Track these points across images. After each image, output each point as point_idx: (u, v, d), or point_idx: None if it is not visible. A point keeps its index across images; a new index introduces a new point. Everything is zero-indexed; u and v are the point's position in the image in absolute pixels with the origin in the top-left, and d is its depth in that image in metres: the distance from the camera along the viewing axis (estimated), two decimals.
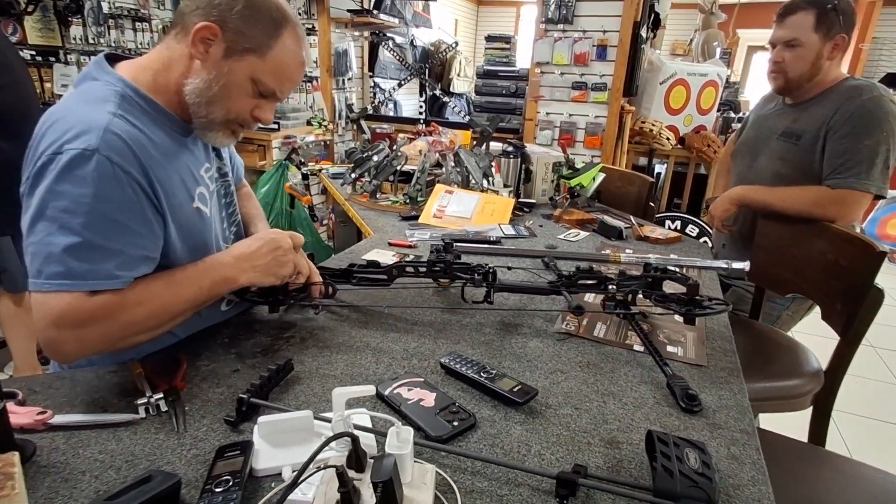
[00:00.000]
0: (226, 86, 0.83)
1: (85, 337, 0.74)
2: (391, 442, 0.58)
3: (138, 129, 0.79)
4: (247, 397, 0.72)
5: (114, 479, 0.61)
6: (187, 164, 0.89)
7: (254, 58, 0.83)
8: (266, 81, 0.85)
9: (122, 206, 0.75)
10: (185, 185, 0.87)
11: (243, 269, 0.87)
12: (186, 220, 0.87)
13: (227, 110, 0.86)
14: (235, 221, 1.06)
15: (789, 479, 0.98)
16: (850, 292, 1.22)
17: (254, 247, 0.89)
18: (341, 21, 3.66)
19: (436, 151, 2.01)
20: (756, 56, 8.17)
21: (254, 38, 0.82)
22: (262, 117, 0.89)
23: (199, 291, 0.83)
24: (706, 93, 3.43)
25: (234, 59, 0.82)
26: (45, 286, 0.71)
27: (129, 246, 0.76)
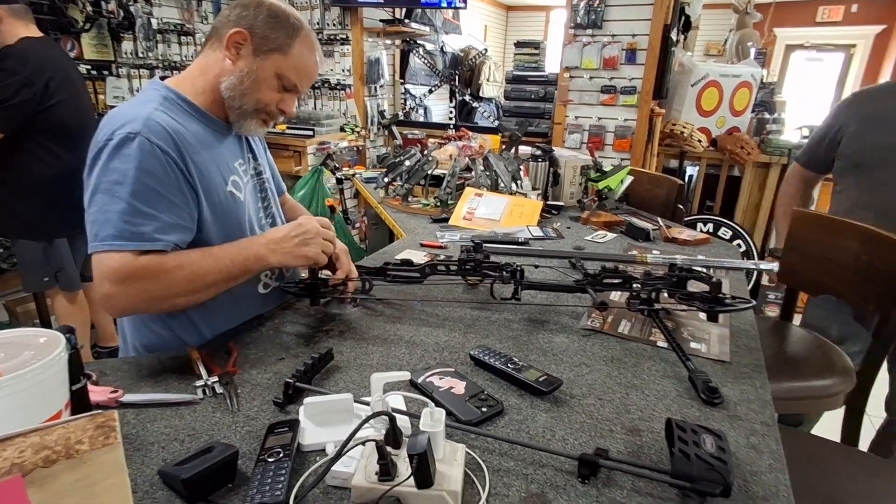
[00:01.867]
0: (255, 80, 0.97)
1: (131, 293, 0.85)
2: (425, 421, 0.63)
3: (177, 122, 0.93)
4: (293, 381, 0.79)
5: (178, 450, 0.69)
6: (222, 155, 1.01)
7: (278, 56, 0.97)
8: (289, 76, 0.99)
9: (161, 179, 0.87)
10: (219, 171, 0.99)
11: (273, 251, 0.96)
12: (220, 200, 0.98)
13: (257, 101, 0.99)
14: (270, 214, 1.15)
15: (821, 478, 0.99)
16: (885, 294, 1.22)
17: (283, 231, 0.98)
18: (374, 31, 3.76)
19: (465, 156, 2.07)
20: (794, 55, 7.93)
21: (277, 40, 0.96)
22: (286, 110, 1.03)
23: (231, 264, 0.92)
24: (740, 94, 3.38)
25: (261, 57, 0.97)
26: (101, 247, 0.84)
27: (167, 213, 0.88)
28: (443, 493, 0.59)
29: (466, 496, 0.62)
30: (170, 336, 0.98)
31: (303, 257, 0.98)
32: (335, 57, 3.84)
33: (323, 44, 3.84)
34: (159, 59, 3.69)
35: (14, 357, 0.54)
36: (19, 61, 1.86)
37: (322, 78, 3.90)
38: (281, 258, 0.96)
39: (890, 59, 7.14)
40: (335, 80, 3.86)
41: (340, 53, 3.81)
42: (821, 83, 7.98)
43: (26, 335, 0.58)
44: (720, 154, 3.11)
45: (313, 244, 0.98)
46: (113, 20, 3.38)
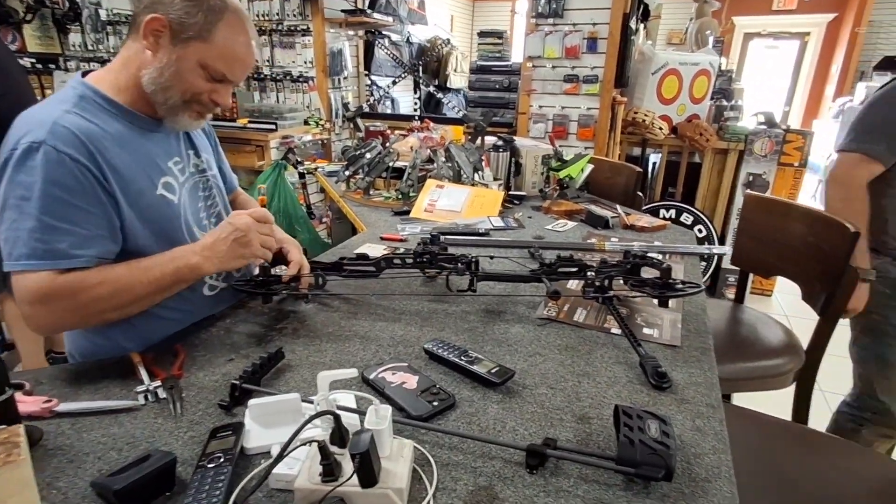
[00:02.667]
0: (177, 72, 0.90)
1: (54, 312, 0.81)
2: (370, 419, 0.62)
3: (92, 123, 0.87)
4: (239, 383, 0.77)
5: (116, 459, 0.66)
6: (150, 155, 0.95)
7: (198, 43, 0.89)
8: (215, 66, 0.91)
9: (73, 189, 0.82)
10: (146, 173, 0.93)
11: (207, 258, 0.91)
12: (148, 205, 0.92)
13: (182, 93, 0.92)
14: (215, 213, 1.10)
15: (771, 455, 1.02)
16: (828, 273, 1.26)
17: (214, 235, 0.93)
18: (335, 21, 3.69)
19: (427, 147, 2.05)
20: (752, 43, 8.14)
21: (195, 26, 0.88)
22: (219, 101, 0.96)
23: (161, 276, 0.87)
24: (698, 82, 3.45)
25: (180, 46, 0.89)
26: (16, 266, 0.80)
27: (83, 225, 0.83)
28: (387, 491, 0.58)
29: (413, 492, 0.61)
30: (108, 344, 0.94)
31: (241, 258, 0.94)
32: (296, 49, 3.76)
33: (283, 35, 3.74)
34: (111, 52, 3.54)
35: None
36: None
37: (284, 70, 3.82)
38: (217, 264, 0.92)
39: (841, 47, 7.39)
40: (297, 72, 3.78)
41: (302, 45, 3.73)
42: (778, 70, 8.22)
43: None
44: (681, 141, 3.17)
45: (249, 242, 0.93)
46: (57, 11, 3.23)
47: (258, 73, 3.89)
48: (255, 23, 3.77)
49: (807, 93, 7.97)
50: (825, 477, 0.95)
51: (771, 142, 3.00)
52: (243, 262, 0.95)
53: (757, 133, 3.02)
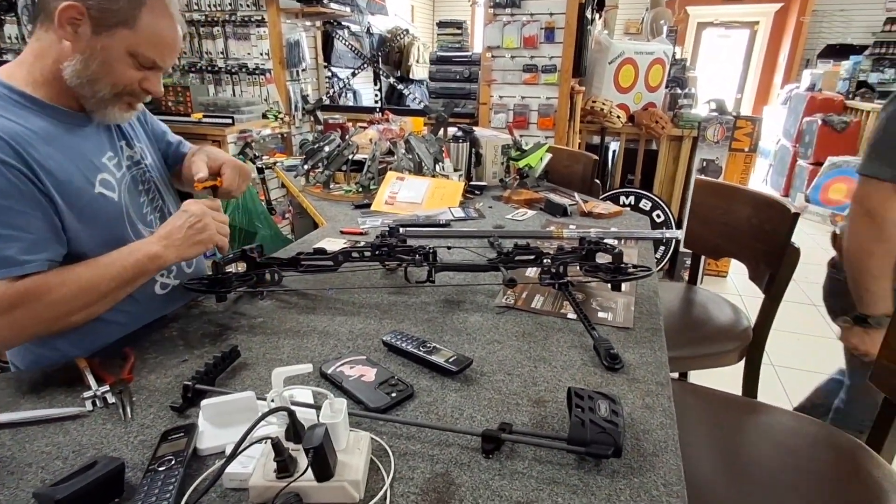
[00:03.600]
0: (104, 63, 0.85)
1: (17, 321, 0.77)
2: (325, 413, 0.62)
3: (13, 122, 0.81)
4: (192, 384, 0.75)
5: (61, 469, 0.64)
6: (82, 152, 0.90)
7: (124, 31, 0.84)
8: (143, 53, 0.87)
9: (10, 194, 0.78)
10: (81, 172, 0.88)
11: (167, 247, 0.89)
12: (87, 204, 0.88)
13: (113, 85, 0.87)
14: (157, 207, 1.07)
15: (721, 428, 1.06)
16: (772, 253, 1.32)
17: (170, 224, 0.91)
18: (291, 11, 3.60)
19: (386, 139, 2.03)
20: (705, 32, 8.38)
21: (119, 12, 0.83)
22: (151, 89, 0.91)
23: (122, 270, 0.85)
24: (654, 71, 3.53)
25: (104, 35, 0.83)
26: None
27: (28, 230, 0.79)
28: (343, 484, 0.58)
29: (371, 483, 0.62)
30: (54, 355, 0.90)
31: (199, 244, 0.92)
32: (251, 40, 3.66)
33: (237, 26, 3.64)
34: None
35: None
36: None
37: (239, 62, 3.71)
38: (177, 252, 0.90)
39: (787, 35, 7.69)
40: (253, 64, 3.68)
41: (257, 36, 3.63)
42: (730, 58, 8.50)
43: None
44: (638, 129, 3.25)
45: (205, 227, 0.91)
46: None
47: (212, 66, 3.77)
48: (207, 13, 3.65)
49: (757, 80, 8.28)
50: (768, 444, 1.00)
51: (722, 128, 3.11)
52: (201, 248, 0.93)
53: (709, 120, 3.13)
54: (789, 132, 5.78)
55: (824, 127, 5.12)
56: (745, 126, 3.13)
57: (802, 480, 0.91)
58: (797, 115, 5.60)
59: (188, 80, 3.78)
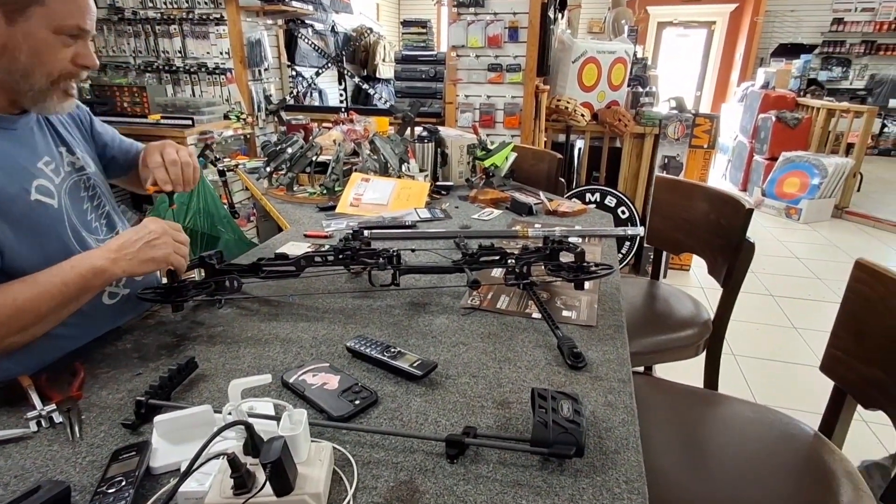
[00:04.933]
0: (32, 51, 0.80)
1: None
2: (284, 425, 0.60)
3: None
4: (145, 399, 0.72)
5: (1, 496, 0.60)
6: (15, 158, 0.86)
7: (37, 8, 0.78)
8: (66, 23, 0.81)
9: None
10: (14, 179, 0.84)
11: (114, 260, 0.84)
12: (23, 213, 0.84)
13: (48, 72, 0.83)
14: (104, 213, 1.03)
15: (683, 421, 1.09)
16: (728, 247, 1.36)
17: (123, 237, 0.87)
18: (252, 9, 3.52)
19: (350, 140, 2.01)
20: (665, 32, 8.59)
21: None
22: (86, 62, 0.86)
23: (64, 287, 0.80)
24: (616, 69, 3.60)
25: (20, 21, 0.78)
26: None
27: None
28: (304, 497, 0.57)
29: (333, 494, 0.61)
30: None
31: (150, 261, 0.87)
32: (210, 38, 3.56)
33: (195, 24, 3.53)
34: None
35: None
36: None
37: (199, 62, 3.61)
38: (125, 266, 0.85)
39: (743, 35, 7.96)
40: (213, 63, 3.58)
41: (216, 35, 3.54)
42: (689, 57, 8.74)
43: None
44: (602, 127, 3.30)
45: (161, 245, 0.88)
46: None
47: (170, 65, 3.66)
48: (163, 11, 3.54)
49: (715, 78, 8.54)
50: (728, 435, 1.03)
51: (682, 125, 3.19)
52: (154, 266, 0.89)
53: (670, 118, 3.21)
54: (746, 129, 5.98)
55: (778, 123, 5.32)
56: (704, 123, 3.22)
57: (762, 469, 0.94)
58: (753, 112, 5.81)
59: (144, 81, 3.65)
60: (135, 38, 3.66)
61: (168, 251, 0.89)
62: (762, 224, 4.77)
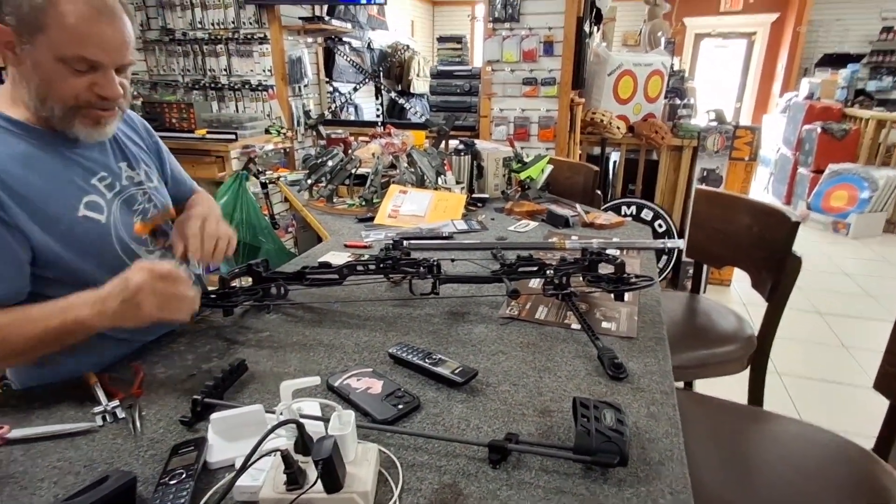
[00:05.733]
0: (42, 79, 0.81)
1: None
2: (333, 425, 0.63)
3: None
4: (201, 398, 0.76)
5: (73, 484, 0.64)
6: (66, 175, 0.89)
7: (41, 37, 0.78)
8: (70, 53, 0.80)
9: None
10: (63, 196, 0.87)
11: (99, 312, 0.79)
12: (69, 229, 0.87)
13: (61, 99, 0.83)
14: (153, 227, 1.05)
15: (728, 437, 1.06)
16: (773, 261, 1.33)
17: (109, 288, 0.80)
18: (293, 29, 3.66)
19: (389, 153, 2.06)
20: (703, 43, 8.45)
21: (29, 18, 0.77)
22: (102, 92, 0.85)
23: (44, 332, 0.78)
24: (652, 82, 3.57)
25: (29, 48, 0.79)
26: None
27: None
28: (353, 496, 0.59)
29: (379, 495, 0.62)
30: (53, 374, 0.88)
31: (132, 320, 0.80)
32: (254, 57, 3.71)
33: (240, 43, 3.70)
34: None
35: None
36: None
37: (242, 79, 3.77)
38: (109, 322, 0.80)
39: (785, 45, 7.76)
40: (256, 80, 3.74)
41: (260, 53, 3.69)
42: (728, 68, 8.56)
43: None
44: (638, 140, 3.27)
45: (139, 304, 0.78)
46: None
47: (215, 83, 3.83)
48: (210, 32, 3.71)
49: (756, 89, 8.33)
50: (775, 452, 1.00)
51: (722, 137, 3.13)
52: (134, 323, 0.81)
53: (708, 130, 3.15)
54: (789, 140, 5.80)
55: (824, 135, 5.14)
56: (745, 135, 3.15)
57: (811, 488, 0.91)
58: (796, 124, 5.63)
59: (192, 98, 3.83)
60: (184, 58, 3.86)
61: (147, 311, 0.79)
62: (808, 238, 4.60)
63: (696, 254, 1.66)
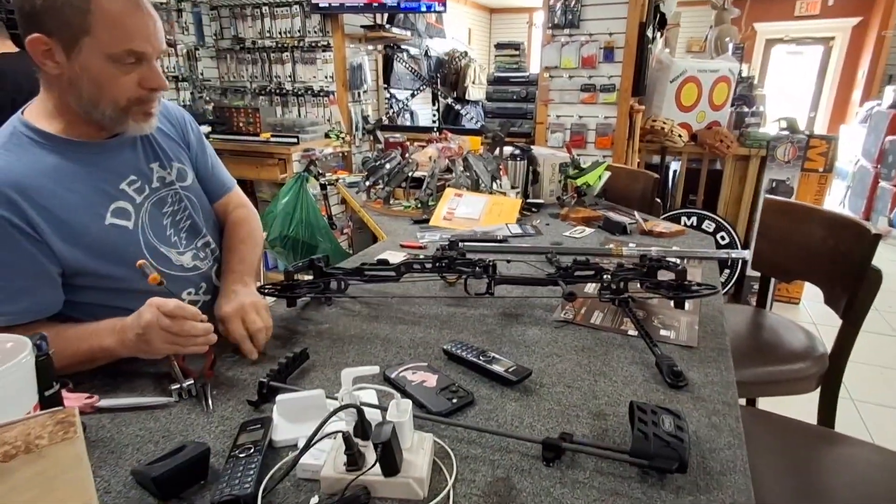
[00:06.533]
0: (93, 81, 0.82)
1: None
2: (392, 412, 0.65)
3: (20, 163, 0.82)
4: (267, 381, 0.80)
5: (152, 451, 0.70)
6: (94, 185, 0.90)
7: (87, 39, 0.80)
8: (119, 49, 0.81)
9: None
10: (90, 207, 0.89)
11: (120, 342, 0.83)
12: (96, 239, 0.88)
13: (114, 99, 0.85)
14: (185, 227, 1.05)
15: (795, 457, 1.01)
16: (850, 275, 1.25)
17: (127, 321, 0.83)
18: (355, 37, 3.79)
19: (445, 157, 2.09)
20: (774, 49, 8.04)
21: (72, 23, 0.79)
22: (151, 85, 0.87)
23: (74, 355, 0.83)
24: (718, 89, 3.43)
25: (75, 52, 0.80)
26: None
27: (8, 278, 0.81)
28: (409, 481, 0.61)
29: (434, 483, 0.64)
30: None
31: (146, 353, 0.83)
32: (317, 64, 3.87)
33: (304, 51, 3.86)
34: None
35: None
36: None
37: (305, 85, 3.93)
38: (129, 351, 0.84)
39: (867, 51, 7.25)
40: (318, 86, 3.89)
41: (322, 60, 3.84)
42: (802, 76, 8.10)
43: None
44: (701, 148, 3.15)
45: (149, 341, 0.80)
46: None
47: (280, 89, 4.01)
48: (278, 40, 3.90)
49: (832, 98, 7.83)
50: (846, 475, 0.94)
51: (794, 147, 2.97)
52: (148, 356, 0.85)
53: (779, 139, 2.99)
54: (870, 152, 5.41)
55: None
56: (820, 145, 2.97)
57: None
58: (879, 135, 5.24)
59: (258, 102, 4.03)
60: (252, 65, 4.07)
61: (156, 346, 0.81)
62: (888, 257, 4.26)
63: (764, 267, 1.58)
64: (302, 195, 2.78)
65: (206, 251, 1.09)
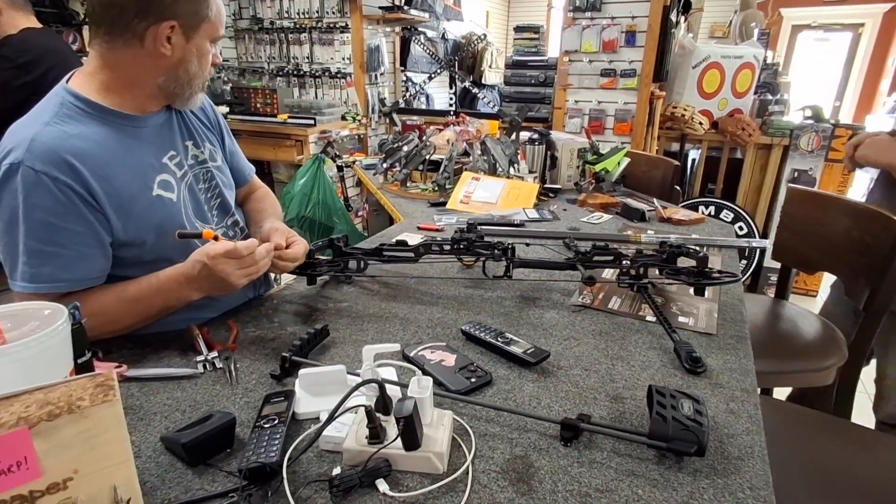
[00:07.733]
0: (201, 60, 0.95)
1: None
2: (412, 388, 0.66)
3: (75, 133, 0.85)
4: (289, 355, 0.82)
5: (180, 419, 0.72)
6: (142, 156, 0.94)
7: (206, 25, 0.93)
8: (220, 33, 0.97)
9: (54, 210, 0.81)
10: (140, 177, 0.92)
11: (193, 289, 0.90)
12: (144, 209, 0.92)
13: (202, 76, 0.98)
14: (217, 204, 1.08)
15: (809, 446, 1.01)
16: (874, 267, 1.23)
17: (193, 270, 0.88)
18: (373, 18, 3.76)
19: (463, 140, 2.08)
20: (801, 35, 7.82)
21: (199, 10, 0.91)
22: (218, 62, 1.00)
23: (148, 308, 0.90)
24: (742, 75, 3.35)
25: (192, 35, 0.92)
26: (15, 287, 0.84)
27: (69, 247, 0.84)
28: (429, 455, 0.62)
29: (453, 458, 0.65)
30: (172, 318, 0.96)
31: (230, 288, 0.89)
32: (335, 45, 3.85)
33: (322, 32, 3.84)
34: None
35: (19, 327, 0.57)
36: (17, 50, 1.88)
37: (322, 66, 3.92)
38: (202, 293, 0.91)
39: None
40: (335, 68, 3.87)
41: (340, 42, 3.82)
42: (829, 63, 7.88)
43: (31, 307, 0.61)
44: (721, 136, 3.10)
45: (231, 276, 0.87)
46: None
47: (298, 70, 4.01)
48: (296, 21, 3.88)
49: (860, 87, 7.62)
50: (865, 468, 0.94)
51: (818, 137, 2.90)
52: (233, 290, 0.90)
53: (803, 128, 2.93)
54: None
55: None
56: (846, 135, 2.90)
57: None
58: None
59: (276, 84, 4.03)
60: (270, 46, 4.06)
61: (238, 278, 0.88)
62: None
63: (784, 257, 1.56)
64: (319, 177, 2.80)
65: (235, 229, 1.12)
